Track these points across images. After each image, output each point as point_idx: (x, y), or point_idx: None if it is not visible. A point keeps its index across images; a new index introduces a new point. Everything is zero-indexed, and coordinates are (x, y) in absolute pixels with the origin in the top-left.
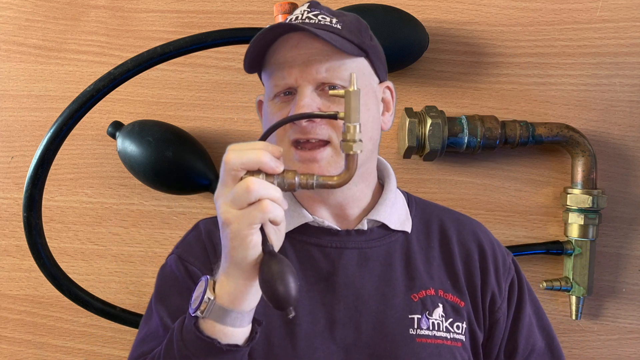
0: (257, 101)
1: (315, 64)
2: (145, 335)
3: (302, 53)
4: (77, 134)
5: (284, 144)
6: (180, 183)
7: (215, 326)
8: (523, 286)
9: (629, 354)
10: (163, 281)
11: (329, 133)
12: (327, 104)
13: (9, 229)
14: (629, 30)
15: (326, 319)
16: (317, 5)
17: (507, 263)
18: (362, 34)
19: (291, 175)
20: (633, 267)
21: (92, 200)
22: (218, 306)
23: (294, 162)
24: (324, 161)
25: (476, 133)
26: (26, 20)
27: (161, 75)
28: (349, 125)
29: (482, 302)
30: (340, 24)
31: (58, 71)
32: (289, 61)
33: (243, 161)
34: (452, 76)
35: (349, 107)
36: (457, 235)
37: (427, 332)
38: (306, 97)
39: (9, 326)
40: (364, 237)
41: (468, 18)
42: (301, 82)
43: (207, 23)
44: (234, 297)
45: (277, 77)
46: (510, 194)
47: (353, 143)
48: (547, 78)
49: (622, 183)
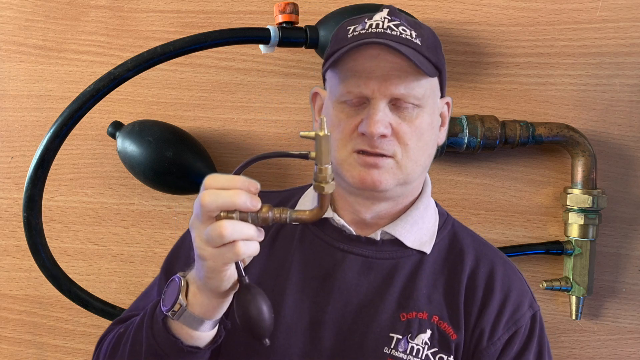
0: (313, 92)
1: (394, 79)
2: (144, 292)
3: (381, 66)
4: (77, 134)
5: (346, 150)
6: (180, 183)
7: (183, 328)
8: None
9: (629, 354)
10: (177, 246)
11: (394, 149)
12: (398, 120)
13: (9, 229)
14: (629, 30)
15: (311, 317)
16: (396, 13)
17: (519, 315)
18: (438, 51)
19: (265, 210)
20: (633, 267)
21: (92, 200)
22: (189, 313)
23: (355, 166)
24: (384, 169)
25: (476, 133)
26: (26, 20)
27: (161, 75)
28: (320, 167)
29: (471, 337)
30: (419, 38)
31: (58, 71)
32: (367, 71)
33: (219, 204)
34: (452, 76)
35: (320, 151)
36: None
37: (402, 354)
38: (380, 111)
39: (9, 326)
40: (374, 247)
41: (468, 18)
42: (377, 95)
43: (207, 23)
44: (206, 309)
45: (351, 84)
46: (510, 194)
47: (325, 184)
48: (547, 78)
49: (622, 183)
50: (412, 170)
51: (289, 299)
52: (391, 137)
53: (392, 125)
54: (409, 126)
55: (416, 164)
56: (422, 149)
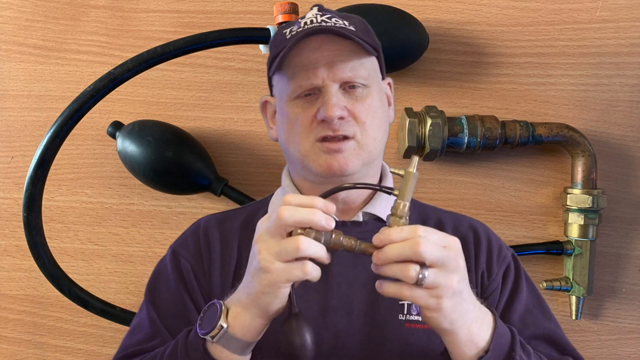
0: (263, 101)
1: (339, 64)
2: (134, 326)
3: (325, 55)
4: (77, 134)
5: (309, 141)
6: (180, 183)
7: (223, 352)
8: (520, 277)
9: (629, 354)
10: (156, 274)
11: (354, 130)
12: (350, 102)
13: (9, 229)
14: (629, 30)
15: (319, 305)
16: (325, 9)
17: (504, 252)
18: (371, 35)
19: (338, 235)
20: (633, 267)
21: (92, 200)
22: (230, 335)
23: (320, 154)
24: (348, 152)
25: (476, 133)
26: (26, 20)
27: (161, 75)
28: (399, 202)
29: (475, 281)
30: (352, 25)
31: (58, 71)
32: (313, 62)
33: (296, 220)
34: (452, 76)
35: (406, 186)
36: (453, 227)
37: (416, 317)
38: (334, 96)
39: (9, 326)
40: (360, 229)
41: (468, 18)
42: (328, 82)
43: (207, 23)
44: (247, 330)
45: (301, 78)
46: (510, 194)
47: (400, 218)
48: (547, 78)
49: (622, 183)
50: (373, 147)
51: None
52: (348, 118)
53: (347, 108)
54: (362, 105)
55: (375, 140)
56: (377, 126)
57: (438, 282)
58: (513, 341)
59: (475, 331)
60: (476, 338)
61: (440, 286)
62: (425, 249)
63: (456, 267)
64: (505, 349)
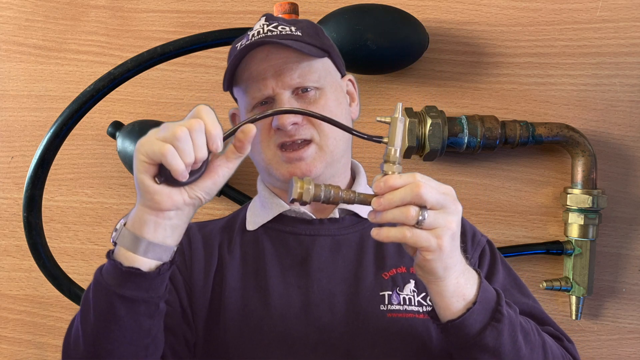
0: (231, 114)
1: (287, 72)
2: None
3: (272, 64)
4: (77, 134)
5: (270, 149)
6: None
7: (120, 250)
8: (496, 259)
9: (629, 354)
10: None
11: (311, 133)
12: (304, 105)
13: (9, 229)
14: (629, 30)
15: (301, 301)
16: (273, 18)
17: (478, 237)
18: (320, 35)
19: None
20: (633, 267)
21: (92, 200)
22: (126, 231)
23: (281, 164)
24: (310, 158)
25: (476, 133)
26: (26, 20)
27: (161, 75)
28: (390, 148)
29: None
30: (299, 30)
31: (58, 71)
32: (262, 73)
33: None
34: (452, 76)
35: (394, 132)
36: None
37: (397, 307)
38: (285, 103)
39: (9, 326)
40: (337, 225)
41: (468, 18)
42: (278, 91)
43: (207, 23)
44: (139, 223)
45: (253, 90)
46: (510, 194)
47: (393, 164)
48: (547, 78)
49: (622, 183)
50: (334, 146)
51: (274, 290)
52: (303, 122)
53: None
54: (316, 107)
55: (335, 139)
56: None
57: (437, 223)
58: (499, 297)
59: (462, 282)
60: (463, 289)
61: (440, 226)
62: (426, 190)
63: (455, 210)
64: (491, 303)
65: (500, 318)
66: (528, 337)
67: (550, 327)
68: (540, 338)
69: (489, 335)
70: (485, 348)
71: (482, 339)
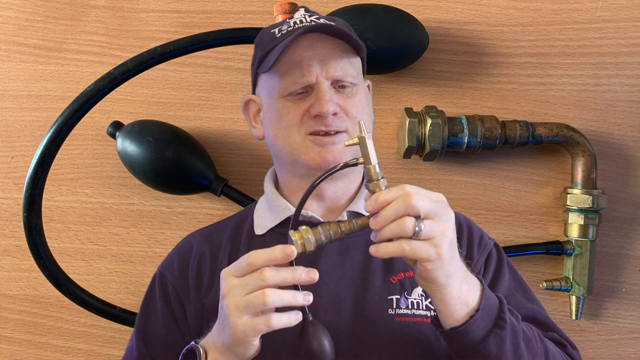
0: (246, 100)
1: (332, 62)
2: (126, 351)
3: (318, 53)
4: (77, 134)
5: (300, 135)
6: (180, 183)
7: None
8: (502, 263)
9: (629, 354)
10: (147, 299)
11: (346, 125)
12: (342, 99)
13: (9, 229)
14: (629, 30)
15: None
16: (311, 11)
17: (485, 241)
18: (356, 36)
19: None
20: (633, 267)
21: (92, 200)
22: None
23: (312, 148)
24: (341, 145)
25: (476, 133)
26: (26, 20)
27: (161, 75)
28: (368, 167)
29: None
30: (340, 25)
31: (58, 71)
32: (307, 60)
33: (277, 281)
34: (452, 76)
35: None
36: None
37: (406, 311)
38: (327, 92)
39: (9, 326)
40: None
41: (468, 18)
42: (321, 79)
43: (207, 23)
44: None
45: (296, 75)
46: (510, 194)
47: (378, 181)
48: (547, 78)
49: (622, 183)
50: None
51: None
52: (341, 114)
53: (339, 104)
54: (353, 101)
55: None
56: (367, 122)
57: (434, 232)
58: (501, 304)
59: (465, 289)
60: (466, 296)
61: (437, 235)
62: (418, 199)
63: (449, 217)
64: (494, 310)
65: (503, 325)
66: (530, 345)
67: (554, 333)
68: (542, 345)
69: (491, 342)
70: (488, 355)
71: (485, 346)
